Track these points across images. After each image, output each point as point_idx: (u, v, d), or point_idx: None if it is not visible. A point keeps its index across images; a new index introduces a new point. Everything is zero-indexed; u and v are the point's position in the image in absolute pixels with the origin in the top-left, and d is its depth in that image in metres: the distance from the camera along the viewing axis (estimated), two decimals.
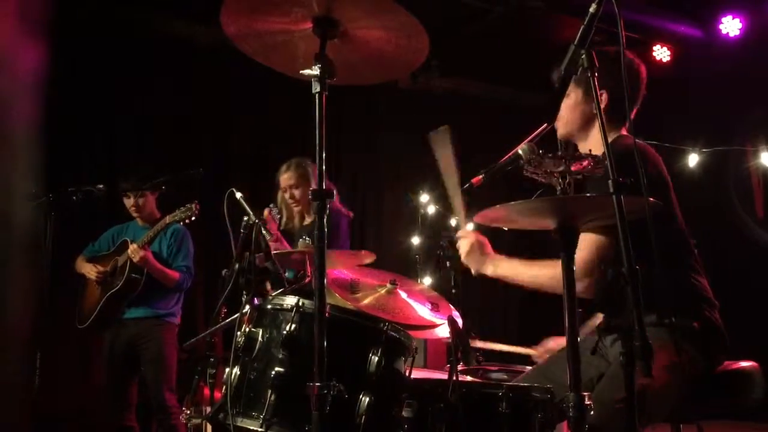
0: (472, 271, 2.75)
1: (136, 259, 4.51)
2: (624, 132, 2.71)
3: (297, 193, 4.58)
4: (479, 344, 3.18)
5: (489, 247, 2.77)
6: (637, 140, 2.54)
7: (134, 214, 4.86)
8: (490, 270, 2.71)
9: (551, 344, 3.15)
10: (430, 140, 2.79)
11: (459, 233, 2.82)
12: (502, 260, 2.73)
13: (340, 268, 2.86)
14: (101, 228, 5.03)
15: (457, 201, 2.78)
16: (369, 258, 3.14)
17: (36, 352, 3.75)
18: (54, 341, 3.90)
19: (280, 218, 4.59)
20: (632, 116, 2.72)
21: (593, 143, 2.70)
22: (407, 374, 2.37)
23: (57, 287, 4.15)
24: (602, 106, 2.64)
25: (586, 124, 2.73)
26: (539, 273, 2.59)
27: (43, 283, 3.91)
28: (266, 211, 4.41)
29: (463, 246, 2.77)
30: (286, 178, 4.63)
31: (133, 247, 4.53)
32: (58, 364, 4.48)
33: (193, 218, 4.48)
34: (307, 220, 4.65)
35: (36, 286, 3.75)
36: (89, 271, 4.75)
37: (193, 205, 4.46)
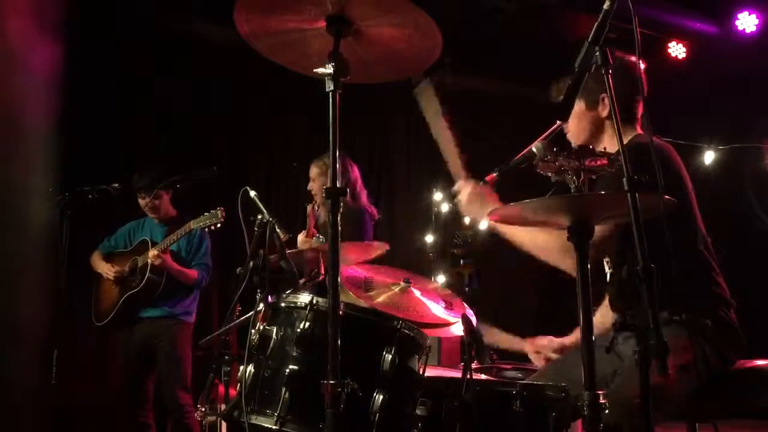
0: (471, 220, 2.69)
1: (156, 264, 4.53)
2: (639, 130, 2.70)
3: (315, 186, 4.63)
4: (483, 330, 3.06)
5: (490, 197, 2.71)
6: (655, 138, 2.53)
7: (150, 214, 4.88)
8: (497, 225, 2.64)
9: (544, 342, 3.06)
10: (416, 96, 2.72)
11: (457, 185, 2.75)
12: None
13: (352, 260, 2.86)
14: (117, 227, 5.06)
15: (452, 154, 2.72)
16: (382, 249, 3.14)
17: (53, 350, 3.79)
18: (71, 339, 3.94)
19: (315, 205, 4.68)
20: (640, 113, 2.71)
21: (609, 145, 2.68)
22: (421, 372, 2.37)
23: (73, 286, 4.18)
24: (606, 110, 2.64)
25: (596, 130, 2.74)
26: (539, 237, 2.57)
27: (59, 282, 3.94)
28: (309, 207, 4.53)
29: (463, 197, 2.72)
30: (311, 170, 4.75)
31: (153, 253, 4.55)
32: (74, 362, 4.51)
33: (219, 225, 4.45)
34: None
35: (52, 285, 3.77)
36: (106, 270, 4.77)
37: (219, 211, 4.42)
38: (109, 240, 5.00)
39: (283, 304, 2.36)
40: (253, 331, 2.31)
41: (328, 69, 1.98)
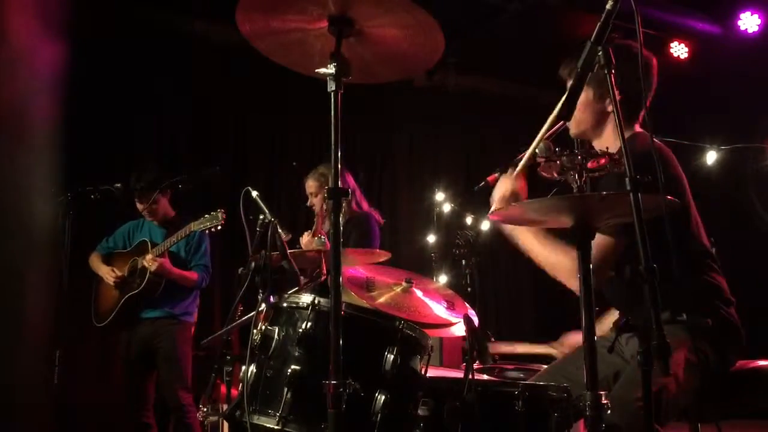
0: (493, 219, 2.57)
1: (153, 269, 4.51)
2: (638, 129, 2.68)
3: (316, 201, 4.58)
4: (498, 347, 3.13)
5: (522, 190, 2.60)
6: (653, 138, 2.51)
7: (148, 218, 4.87)
8: (508, 229, 2.58)
9: (571, 340, 3.09)
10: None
11: (504, 177, 2.62)
12: (523, 230, 2.57)
13: (354, 265, 2.86)
14: (119, 227, 5.05)
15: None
16: (384, 256, 3.14)
17: (55, 350, 3.79)
18: (73, 339, 3.94)
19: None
20: (646, 110, 2.69)
21: (607, 141, 2.67)
22: (423, 372, 2.37)
23: (75, 286, 4.18)
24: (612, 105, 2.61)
25: (598, 123, 2.70)
26: (551, 256, 2.50)
27: (61, 282, 3.93)
28: (320, 207, 4.47)
29: (498, 190, 2.60)
30: (308, 185, 4.64)
31: (149, 258, 4.54)
32: (76, 362, 4.51)
33: (219, 227, 4.40)
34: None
35: (55, 285, 3.77)
36: (106, 274, 4.74)
37: (219, 213, 4.37)
38: (107, 240, 4.98)
39: (284, 305, 2.36)
40: (255, 331, 2.31)
41: (330, 69, 1.98)
